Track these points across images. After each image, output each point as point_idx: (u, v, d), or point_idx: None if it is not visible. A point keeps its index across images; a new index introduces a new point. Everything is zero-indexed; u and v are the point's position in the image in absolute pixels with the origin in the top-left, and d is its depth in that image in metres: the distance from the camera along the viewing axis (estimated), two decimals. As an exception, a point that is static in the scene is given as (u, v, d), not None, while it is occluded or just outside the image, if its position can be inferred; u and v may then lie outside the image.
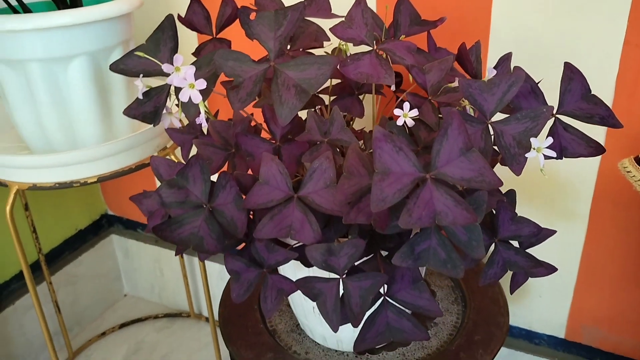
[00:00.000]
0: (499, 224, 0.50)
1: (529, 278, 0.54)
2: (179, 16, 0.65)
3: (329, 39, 0.64)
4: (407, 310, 0.50)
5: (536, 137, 0.46)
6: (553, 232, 0.54)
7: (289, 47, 0.64)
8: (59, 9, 0.75)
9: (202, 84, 0.49)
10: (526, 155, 0.45)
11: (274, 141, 0.53)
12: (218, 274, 1.15)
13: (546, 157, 0.47)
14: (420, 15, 0.67)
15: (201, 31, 0.67)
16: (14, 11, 0.74)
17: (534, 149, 0.45)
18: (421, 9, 0.75)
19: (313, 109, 0.61)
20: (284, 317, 0.75)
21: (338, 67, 0.51)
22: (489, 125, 0.46)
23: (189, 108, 0.56)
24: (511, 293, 0.54)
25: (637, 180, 0.60)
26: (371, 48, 0.53)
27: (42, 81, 0.71)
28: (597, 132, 0.73)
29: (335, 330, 0.47)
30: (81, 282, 1.22)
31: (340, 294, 0.49)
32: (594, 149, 0.50)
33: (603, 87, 0.71)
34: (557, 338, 0.89)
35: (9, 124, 0.84)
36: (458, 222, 0.41)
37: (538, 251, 0.83)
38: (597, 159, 0.75)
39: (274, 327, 0.74)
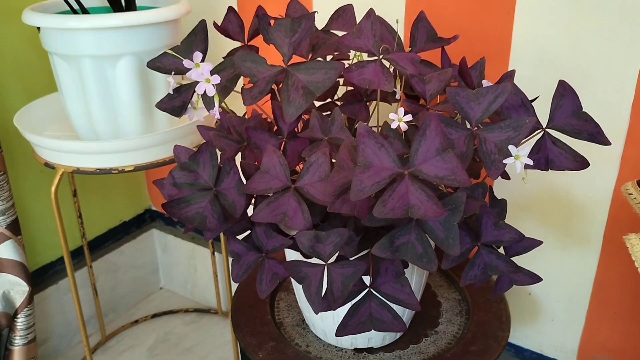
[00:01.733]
0: (482, 228, 0.52)
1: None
2: (215, 24, 0.72)
3: (349, 51, 0.69)
4: (389, 303, 0.53)
5: (517, 145, 0.48)
6: (539, 242, 0.55)
7: (310, 55, 0.70)
8: (114, 11, 0.84)
9: (216, 79, 0.54)
10: (504, 161, 0.47)
11: (281, 137, 0.58)
12: (246, 274, 1.20)
13: (527, 167, 0.49)
14: (444, 33, 0.70)
15: (234, 38, 0.73)
16: (74, 12, 0.83)
17: (513, 156, 0.47)
18: (444, 28, 0.79)
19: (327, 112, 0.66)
20: (292, 312, 0.79)
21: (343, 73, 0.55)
22: (474, 132, 0.49)
23: (209, 102, 0.62)
24: (494, 295, 0.56)
25: (638, 203, 0.60)
26: (377, 57, 0.57)
27: (93, 76, 0.79)
28: (612, 159, 0.74)
29: (316, 312, 0.51)
30: (121, 271, 1.30)
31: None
32: (579, 163, 0.51)
33: (619, 111, 0.72)
34: (568, 365, 0.89)
35: (64, 116, 0.93)
36: (428, 215, 0.44)
37: (550, 273, 0.84)
38: (612, 183, 0.75)
39: (281, 320, 0.78)
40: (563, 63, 0.73)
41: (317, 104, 0.71)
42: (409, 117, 0.53)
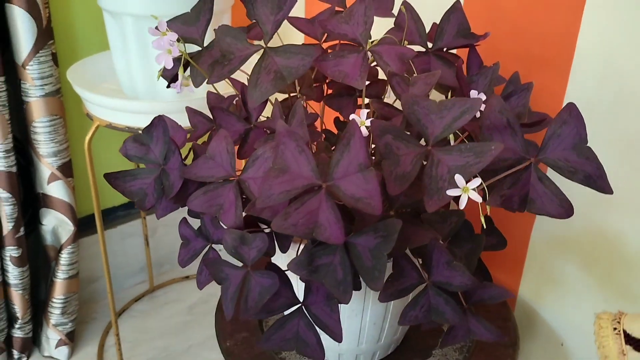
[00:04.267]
0: (433, 265, 0.44)
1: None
2: (241, -3, 0.68)
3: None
4: (315, 326, 0.47)
5: (475, 175, 0.39)
6: (508, 294, 0.45)
7: (324, 37, 0.63)
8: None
9: (176, 51, 0.51)
10: (448, 192, 0.38)
11: (249, 123, 0.54)
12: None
13: (495, 204, 0.40)
14: (498, 29, 0.60)
15: (259, 11, 0.69)
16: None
17: (460, 188, 0.38)
18: (499, 23, 0.69)
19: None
20: (282, 306, 0.75)
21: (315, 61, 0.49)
22: (428, 151, 0.40)
23: (196, 74, 0.59)
24: (440, 347, 0.47)
25: (604, 336, 0.47)
26: (363, 48, 0.50)
27: (134, 34, 0.79)
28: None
29: (228, 318, 0.46)
30: (182, 227, 1.33)
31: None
32: (564, 210, 0.41)
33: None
34: None
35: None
36: (331, 239, 0.37)
37: (589, 326, 0.70)
38: (674, 239, 0.61)
39: (268, 312, 0.74)
40: (632, 80, 0.60)
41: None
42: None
